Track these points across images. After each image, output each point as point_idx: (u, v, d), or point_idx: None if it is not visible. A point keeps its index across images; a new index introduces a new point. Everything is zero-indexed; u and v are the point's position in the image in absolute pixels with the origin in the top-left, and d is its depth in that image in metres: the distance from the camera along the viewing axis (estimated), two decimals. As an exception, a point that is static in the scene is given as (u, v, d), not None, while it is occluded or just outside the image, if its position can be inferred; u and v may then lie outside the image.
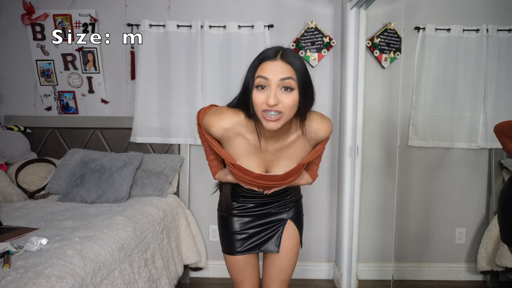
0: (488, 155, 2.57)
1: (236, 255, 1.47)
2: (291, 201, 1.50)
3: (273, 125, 1.06)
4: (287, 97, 1.05)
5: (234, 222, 1.47)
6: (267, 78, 1.04)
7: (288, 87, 1.05)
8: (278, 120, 1.06)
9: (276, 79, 1.04)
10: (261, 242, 1.46)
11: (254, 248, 1.47)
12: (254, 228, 1.46)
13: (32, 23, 2.72)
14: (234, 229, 1.46)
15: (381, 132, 2.70)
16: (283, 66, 1.05)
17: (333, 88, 2.77)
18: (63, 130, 2.82)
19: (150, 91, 2.70)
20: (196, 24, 2.64)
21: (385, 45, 2.64)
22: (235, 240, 1.46)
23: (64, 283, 1.25)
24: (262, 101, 1.05)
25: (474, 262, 2.60)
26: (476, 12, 2.50)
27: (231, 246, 1.47)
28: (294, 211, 1.50)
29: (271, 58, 1.07)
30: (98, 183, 2.33)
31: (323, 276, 2.83)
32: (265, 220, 1.46)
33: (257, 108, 1.08)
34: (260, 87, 1.06)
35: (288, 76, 1.05)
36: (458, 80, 2.52)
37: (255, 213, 1.46)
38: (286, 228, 1.46)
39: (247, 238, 1.46)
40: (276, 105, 1.04)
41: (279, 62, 1.06)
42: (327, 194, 2.83)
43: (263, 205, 1.45)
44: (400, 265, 2.70)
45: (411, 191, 2.69)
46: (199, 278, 2.81)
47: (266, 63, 1.07)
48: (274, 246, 1.45)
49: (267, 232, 1.46)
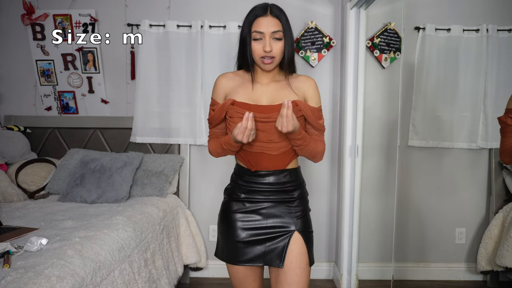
0: (488, 155, 2.57)
1: (237, 265, 1.41)
2: (296, 206, 1.42)
3: (269, 66, 1.36)
4: (277, 45, 1.34)
5: (237, 221, 1.41)
6: (262, 32, 1.33)
7: (277, 37, 1.34)
8: (272, 62, 1.35)
9: (269, 31, 1.33)
10: (264, 253, 1.38)
11: (256, 259, 1.39)
12: (257, 230, 1.39)
13: (32, 23, 2.72)
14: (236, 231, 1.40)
15: (381, 132, 2.70)
16: (273, 21, 1.34)
17: (333, 88, 2.77)
18: (63, 130, 2.82)
19: (150, 91, 2.70)
20: (196, 24, 2.64)
21: (385, 45, 2.64)
22: (236, 247, 1.40)
23: (64, 283, 1.25)
24: (260, 49, 1.34)
25: (474, 262, 2.60)
26: (476, 12, 2.50)
27: (231, 254, 1.41)
28: (302, 222, 1.42)
29: (263, 14, 1.34)
30: (98, 183, 2.33)
31: (323, 276, 2.83)
32: (269, 222, 1.39)
33: (255, 55, 1.35)
34: (256, 39, 1.34)
35: (278, 30, 1.33)
36: (458, 80, 2.52)
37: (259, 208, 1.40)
38: (295, 242, 1.37)
39: (249, 243, 1.39)
40: (271, 51, 1.33)
41: (270, 18, 1.34)
42: (327, 194, 2.83)
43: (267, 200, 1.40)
44: (400, 265, 2.70)
45: (411, 191, 2.69)
46: (199, 278, 2.81)
47: (259, 20, 1.34)
48: (278, 260, 1.37)
49: (271, 241, 1.38)
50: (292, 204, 1.42)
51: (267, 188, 1.41)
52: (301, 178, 1.50)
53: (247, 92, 1.41)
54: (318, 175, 2.81)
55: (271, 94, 1.40)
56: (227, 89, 1.44)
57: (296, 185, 1.45)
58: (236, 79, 1.44)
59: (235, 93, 1.41)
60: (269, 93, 1.41)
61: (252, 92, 1.41)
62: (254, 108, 1.37)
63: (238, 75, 1.46)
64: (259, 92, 1.41)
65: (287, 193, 1.42)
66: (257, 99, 1.40)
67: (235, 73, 1.47)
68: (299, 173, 1.50)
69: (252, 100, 1.39)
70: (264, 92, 1.41)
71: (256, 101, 1.39)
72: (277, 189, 1.41)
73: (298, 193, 1.45)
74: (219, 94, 1.45)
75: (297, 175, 1.47)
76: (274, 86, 1.42)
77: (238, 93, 1.41)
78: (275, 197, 1.41)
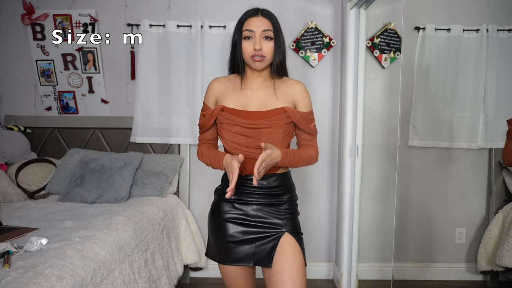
0: (488, 155, 2.57)
1: (227, 265, 1.42)
2: (286, 209, 1.42)
3: (259, 64, 1.36)
4: (268, 44, 1.36)
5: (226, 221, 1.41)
6: (252, 30, 1.35)
7: (268, 36, 1.36)
8: (262, 61, 1.36)
9: (259, 30, 1.35)
10: (254, 253, 1.38)
11: (245, 258, 1.39)
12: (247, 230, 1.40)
13: (32, 23, 2.72)
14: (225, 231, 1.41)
15: (381, 132, 2.70)
16: (264, 21, 1.36)
17: (333, 88, 2.77)
18: (63, 130, 2.82)
19: (150, 91, 2.70)
20: (196, 24, 2.64)
21: (385, 45, 2.64)
22: (226, 247, 1.41)
23: (64, 283, 1.25)
24: (250, 47, 1.35)
25: (474, 262, 2.61)
26: (476, 12, 2.50)
27: (221, 254, 1.42)
28: (292, 224, 1.42)
29: (254, 15, 1.37)
30: (98, 183, 2.33)
31: (323, 276, 2.83)
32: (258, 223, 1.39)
33: (246, 54, 1.37)
34: (247, 38, 1.36)
35: (268, 29, 1.36)
36: (458, 80, 2.52)
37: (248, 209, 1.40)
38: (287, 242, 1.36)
39: (238, 243, 1.40)
40: (261, 50, 1.34)
41: (261, 18, 1.37)
42: (327, 194, 2.83)
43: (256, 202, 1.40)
44: (400, 265, 2.70)
45: (411, 191, 2.69)
46: (199, 278, 2.81)
47: (250, 19, 1.37)
48: (266, 260, 1.36)
49: (261, 241, 1.39)
50: (281, 207, 1.43)
51: (257, 191, 1.42)
52: (291, 182, 1.51)
53: (237, 98, 1.42)
54: (318, 175, 2.81)
55: (260, 100, 1.41)
56: (218, 93, 1.45)
57: (286, 189, 1.46)
58: (227, 84, 1.46)
59: (226, 98, 1.43)
60: (258, 99, 1.41)
61: (241, 98, 1.42)
62: (242, 114, 1.38)
63: (230, 79, 1.47)
64: (249, 97, 1.42)
65: (277, 196, 1.43)
66: (246, 104, 1.41)
67: (227, 77, 1.49)
68: (289, 177, 1.51)
69: (241, 106, 1.40)
70: (253, 98, 1.42)
71: (245, 106, 1.40)
72: (266, 193, 1.42)
73: (288, 196, 1.46)
74: (210, 98, 1.47)
75: (287, 179, 1.48)
76: (264, 91, 1.43)
77: (228, 98, 1.42)
78: (265, 200, 1.42)
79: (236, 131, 1.39)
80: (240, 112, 1.39)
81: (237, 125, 1.38)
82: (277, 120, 1.37)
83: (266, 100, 1.41)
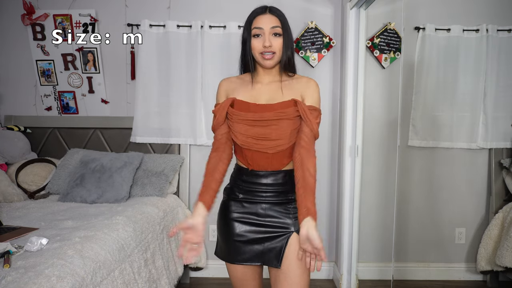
0: (488, 155, 2.57)
1: (235, 264, 1.42)
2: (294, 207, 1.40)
3: (269, 62, 1.36)
4: (277, 41, 1.36)
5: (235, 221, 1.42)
6: (261, 28, 1.35)
7: (277, 33, 1.36)
8: (272, 58, 1.36)
9: (268, 27, 1.35)
10: (262, 252, 1.38)
11: (254, 258, 1.39)
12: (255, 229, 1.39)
13: (32, 23, 2.72)
14: (234, 230, 1.41)
15: (381, 132, 2.70)
16: (272, 18, 1.37)
17: (333, 88, 2.77)
18: (63, 130, 2.82)
19: (150, 91, 2.70)
20: (196, 24, 2.64)
21: (385, 45, 2.64)
22: (235, 246, 1.41)
23: (64, 283, 1.25)
24: (259, 45, 1.35)
25: (474, 262, 2.61)
26: (476, 12, 2.50)
27: (230, 253, 1.43)
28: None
29: (262, 13, 1.38)
30: (98, 183, 2.33)
31: (323, 276, 2.83)
32: (267, 222, 1.39)
33: (255, 52, 1.37)
34: (256, 36, 1.36)
35: (277, 25, 1.36)
36: (458, 80, 2.52)
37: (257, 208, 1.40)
38: (295, 243, 1.35)
39: (247, 243, 1.40)
40: (270, 47, 1.34)
41: (269, 15, 1.37)
42: (327, 194, 2.83)
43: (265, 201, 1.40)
44: (400, 265, 2.70)
45: (411, 191, 2.69)
46: (199, 278, 2.82)
47: (258, 17, 1.37)
48: (275, 260, 1.36)
49: (270, 241, 1.38)
50: (290, 206, 1.42)
51: (264, 189, 1.41)
52: None
53: (247, 91, 1.43)
54: (318, 175, 2.78)
55: (270, 93, 1.42)
56: (229, 90, 1.46)
57: (293, 186, 1.42)
58: (238, 82, 1.47)
59: (236, 93, 1.44)
60: (269, 92, 1.42)
61: (251, 91, 1.42)
62: (252, 106, 1.39)
63: (241, 78, 1.48)
64: (259, 91, 1.42)
65: (285, 194, 1.42)
66: (256, 97, 1.41)
67: (238, 77, 1.50)
68: None
69: (251, 98, 1.41)
70: (264, 91, 1.42)
71: (256, 99, 1.41)
72: (275, 190, 1.41)
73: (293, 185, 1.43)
74: (221, 96, 1.48)
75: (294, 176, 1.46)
76: (274, 86, 1.43)
77: (239, 92, 1.43)
78: (273, 199, 1.41)
79: (245, 124, 1.39)
80: (250, 105, 1.39)
81: (245, 119, 1.38)
82: (285, 113, 1.37)
83: (276, 94, 1.41)
